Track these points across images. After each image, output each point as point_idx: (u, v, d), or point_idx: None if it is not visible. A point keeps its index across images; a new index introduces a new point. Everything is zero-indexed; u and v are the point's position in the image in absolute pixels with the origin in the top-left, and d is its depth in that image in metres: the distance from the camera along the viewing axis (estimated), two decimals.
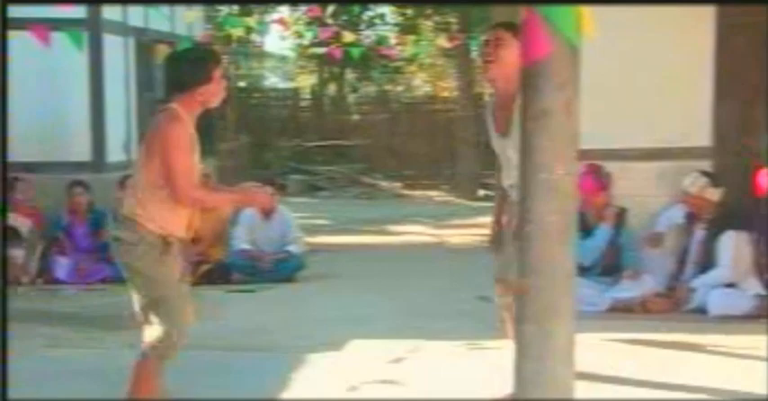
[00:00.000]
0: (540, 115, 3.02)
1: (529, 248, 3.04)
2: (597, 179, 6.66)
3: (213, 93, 4.04)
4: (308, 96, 19.60)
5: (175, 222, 4.02)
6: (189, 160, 3.97)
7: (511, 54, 4.24)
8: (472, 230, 12.00)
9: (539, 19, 2.84)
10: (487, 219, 13.72)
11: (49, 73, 8.82)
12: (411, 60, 21.87)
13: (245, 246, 8.26)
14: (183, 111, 4.01)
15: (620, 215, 6.69)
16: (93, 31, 8.81)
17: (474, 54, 16.16)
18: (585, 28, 2.93)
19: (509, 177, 4.45)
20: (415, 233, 11.91)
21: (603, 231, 6.63)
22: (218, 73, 4.04)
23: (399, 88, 22.86)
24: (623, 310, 6.32)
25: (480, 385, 4.79)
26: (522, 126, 3.11)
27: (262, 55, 25.94)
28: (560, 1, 2.85)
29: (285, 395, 4.74)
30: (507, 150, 4.41)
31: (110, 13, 9.24)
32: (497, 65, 4.31)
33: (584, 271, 6.27)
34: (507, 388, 3.44)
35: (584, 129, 3.45)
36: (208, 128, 11.45)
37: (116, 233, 4.03)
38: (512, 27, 4.37)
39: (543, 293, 3.02)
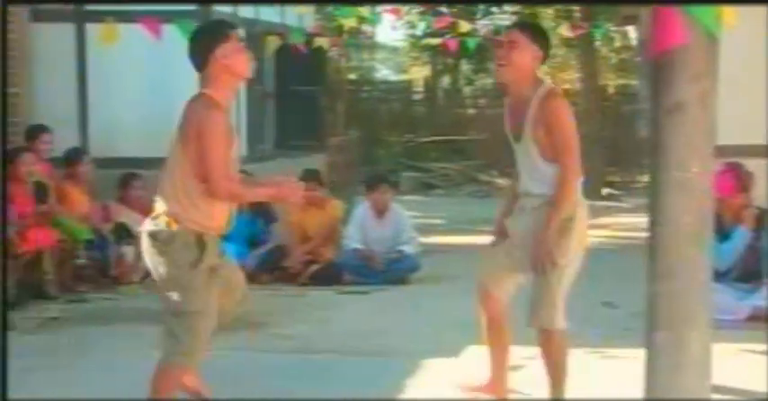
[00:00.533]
0: (674, 109, 2.96)
1: (660, 251, 2.98)
2: (736, 178, 6.48)
3: (233, 53, 3.96)
4: (420, 89, 19.62)
5: (212, 217, 3.99)
6: (226, 151, 3.92)
7: (524, 57, 4.24)
8: (596, 231, 11.83)
9: (674, 7, 2.78)
10: (613, 219, 13.59)
11: (159, 67, 9.06)
12: None
13: (357, 246, 8.33)
14: (218, 96, 3.98)
15: (761, 217, 6.50)
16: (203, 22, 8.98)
17: (598, 44, 15.93)
18: (726, 16, 2.86)
19: (523, 183, 4.37)
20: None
21: (741, 234, 6.45)
22: (232, 34, 4.02)
23: None
24: (764, 319, 6.14)
25: (605, 395, 4.72)
26: (652, 121, 3.05)
27: (373, 46, 26.11)
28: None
29: None
30: (519, 155, 4.37)
31: (220, 4, 9.43)
32: (510, 68, 4.27)
33: (719, 276, 6.11)
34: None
35: (722, 124, 3.37)
36: (316, 122, 11.64)
37: (150, 228, 4.00)
38: (527, 28, 4.35)
39: (676, 299, 2.97)
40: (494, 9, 20.89)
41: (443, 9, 18.39)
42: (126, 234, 8.15)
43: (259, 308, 7.12)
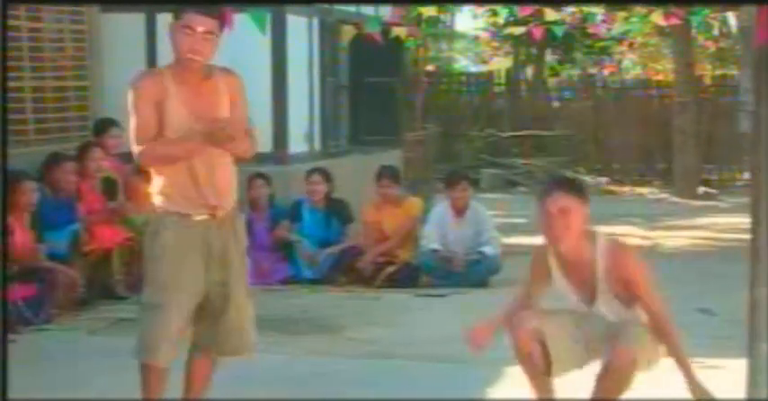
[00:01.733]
0: None
1: (763, 254, 2.94)
2: None
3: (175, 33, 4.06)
4: (502, 81, 19.52)
5: (166, 194, 4.08)
6: (143, 113, 4.03)
7: (579, 220, 4.11)
8: (690, 232, 11.67)
9: None
10: (709, 220, 13.32)
11: (230, 58, 9.14)
12: (620, 39, 21.44)
13: (436, 246, 8.34)
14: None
15: None
16: (276, 12, 9.03)
17: (695, 32, 15.67)
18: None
19: None
20: (625, 234, 11.67)
21: None
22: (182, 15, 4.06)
23: (606, 71, 22.46)
24: None
25: None
26: (754, 114, 3.01)
27: (452, 35, 26.06)
28: None
29: None
30: (595, 316, 4.23)
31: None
32: (569, 235, 4.11)
33: None
34: None
35: None
36: (392, 116, 11.65)
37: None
38: (582, 194, 4.20)
39: None
40: None
41: None
42: None
43: (334, 311, 7.19)
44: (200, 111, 4.05)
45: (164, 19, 8.58)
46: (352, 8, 11.06)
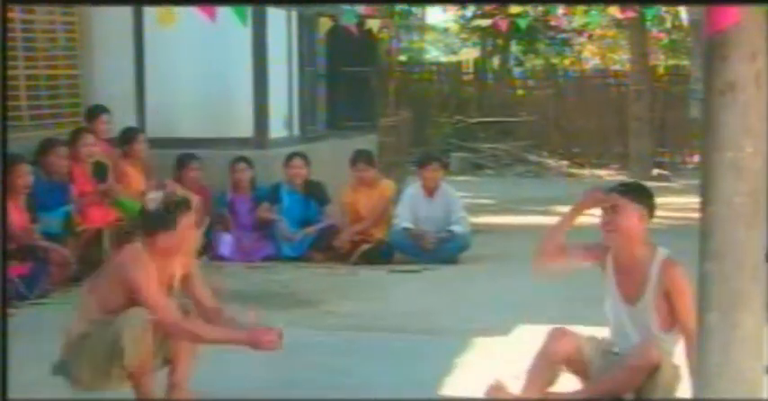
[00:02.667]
0: (727, 89, 2.93)
1: (712, 231, 2.96)
2: None
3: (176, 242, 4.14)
4: (470, 70, 19.52)
5: None
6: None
7: (629, 219, 4.14)
8: None
9: None
10: (663, 200, 13.54)
11: (215, 49, 9.12)
12: (580, 31, 21.46)
13: (408, 225, 8.35)
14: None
15: None
16: (257, 5, 8.99)
17: (649, 24, 15.72)
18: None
19: (626, 342, 4.23)
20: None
21: None
22: (185, 221, 4.15)
23: (567, 61, 22.49)
24: None
25: None
26: (705, 101, 3.03)
27: (423, 28, 26.01)
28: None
29: (448, 379, 4.79)
30: (631, 317, 4.21)
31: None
32: (617, 234, 4.17)
33: None
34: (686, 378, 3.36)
35: None
36: (367, 103, 11.63)
37: None
38: (628, 190, 4.21)
39: (728, 280, 2.94)
40: None
41: None
42: None
43: (313, 286, 7.20)
44: None
45: (151, 10, 8.54)
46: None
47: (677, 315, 4.10)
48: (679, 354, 4.14)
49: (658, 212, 4.38)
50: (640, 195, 4.21)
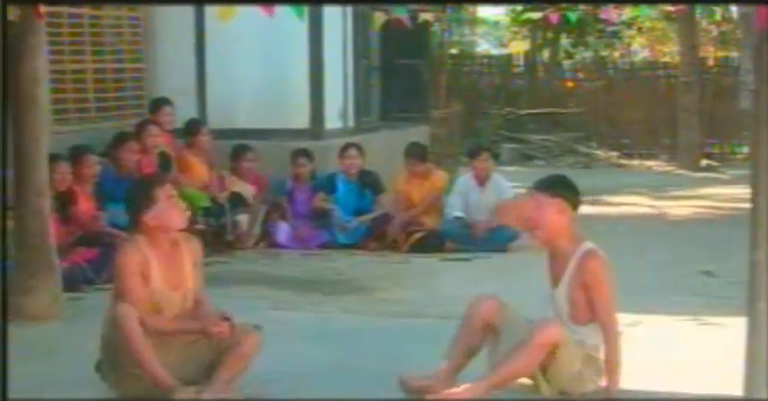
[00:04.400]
0: None
1: (762, 221, 2.93)
2: None
3: (162, 214, 4.09)
4: (521, 63, 19.40)
5: None
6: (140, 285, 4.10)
7: (551, 215, 4.10)
8: (694, 202, 11.59)
9: None
10: (712, 190, 13.23)
11: (271, 41, 9.17)
12: (630, 24, 21.21)
13: (459, 214, 8.34)
14: (149, 243, 4.12)
15: None
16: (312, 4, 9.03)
17: (699, 16, 15.47)
18: None
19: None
20: (633, 204, 11.64)
21: None
22: (157, 194, 4.10)
23: (616, 53, 22.24)
24: None
25: (705, 362, 4.66)
26: (755, 92, 2.99)
27: (474, 21, 25.87)
28: None
29: None
30: (554, 301, 4.21)
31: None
32: (540, 229, 4.15)
33: None
34: (737, 367, 3.34)
35: None
36: (420, 95, 11.61)
37: None
38: (543, 185, 4.16)
39: None
40: None
41: None
42: (240, 202, 8.32)
43: (366, 274, 7.23)
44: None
45: (211, 7, 8.61)
46: None
47: (594, 306, 4.07)
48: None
49: (707, 202, 4.33)
50: (558, 189, 4.16)
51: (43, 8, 5.35)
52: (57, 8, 7.81)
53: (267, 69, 9.25)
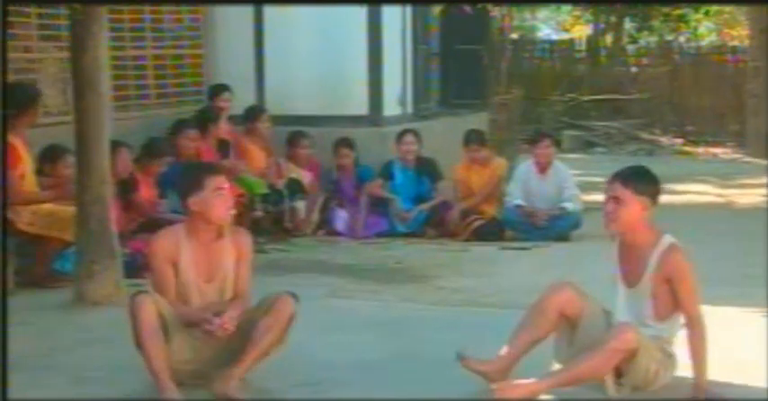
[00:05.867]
0: None
1: None
2: None
3: (207, 202, 4.11)
4: (582, 48, 19.21)
5: None
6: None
7: (631, 211, 4.01)
8: (762, 190, 11.41)
9: None
10: None
11: (329, 27, 9.21)
12: (696, 7, 20.88)
13: (520, 202, 8.31)
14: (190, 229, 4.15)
15: None
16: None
17: None
18: None
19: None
20: (699, 192, 11.49)
21: None
22: (207, 182, 4.11)
23: (682, 38, 21.91)
24: None
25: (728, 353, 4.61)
26: None
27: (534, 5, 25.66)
28: None
29: None
30: (627, 300, 4.12)
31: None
32: (619, 224, 4.06)
33: None
34: None
35: None
36: (480, 81, 11.57)
37: None
38: (630, 180, 4.05)
39: None
40: None
41: None
42: (298, 189, 8.39)
43: (425, 262, 7.25)
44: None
45: None
46: None
47: (679, 301, 4.02)
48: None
49: None
50: (643, 185, 4.07)
51: None
52: None
53: (325, 55, 9.29)
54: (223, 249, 4.18)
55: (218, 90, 8.56)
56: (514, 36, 20.75)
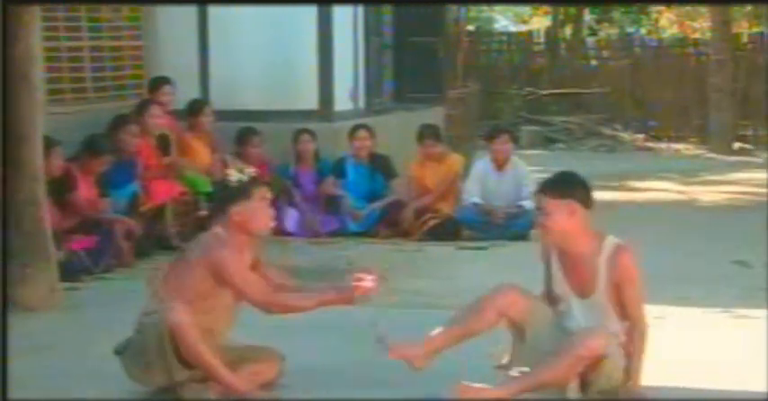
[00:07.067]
0: None
1: None
2: None
3: (250, 213, 4.15)
4: (541, 40, 19.33)
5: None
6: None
7: (557, 220, 4.01)
8: (726, 187, 11.56)
9: None
10: (745, 175, 13.21)
11: (278, 17, 9.15)
12: None
13: (477, 200, 8.33)
14: (231, 242, 4.16)
15: None
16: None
17: None
18: None
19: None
20: (662, 189, 11.61)
21: None
22: (253, 193, 4.16)
23: (643, 30, 22.14)
24: None
25: (736, 357, 4.65)
26: None
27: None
28: None
29: None
30: (579, 311, 4.09)
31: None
32: (552, 234, 4.07)
33: None
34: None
35: None
36: (435, 74, 11.59)
37: None
38: (550, 189, 4.08)
39: None
40: None
41: None
42: None
43: (379, 263, 7.22)
44: None
45: None
46: None
47: (625, 302, 4.02)
48: None
49: (740, 188, 4.30)
50: (565, 189, 4.07)
51: None
52: None
53: (273, 47, 9.23)
54: (252, 247, 4.25)
55: (159, 83, 8.46)
56: (471, 28, 20.82)
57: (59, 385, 4.23)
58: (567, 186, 4.08)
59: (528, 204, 8.30)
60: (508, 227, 8.23)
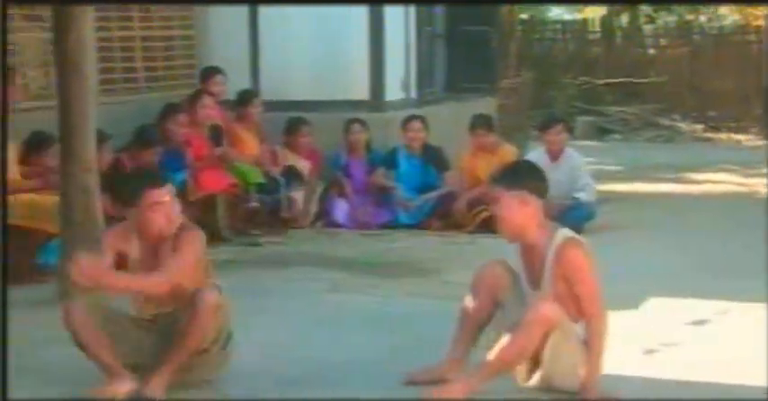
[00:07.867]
0: None
1: None
2: None
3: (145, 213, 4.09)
4: (597, 29, 19.16)
5: None
6: None
7: (508, 208, 4.02)
8: None
9: None
10: None
11: (329, 9, 9.17)
12: None
13: None
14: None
15: None
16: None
17: None
18: None
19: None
20: (720, 181, 11.46)
21: None
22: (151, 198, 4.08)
23: (703, 17, 21.85)
24: None
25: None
26: None
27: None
28: None
29: None
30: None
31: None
32: (504, 225, 4.07)
33: None
34: None
35: None
36: (487, 64, 11.55)
37: None
38: (500, 178, 4.07)
39: None
40: None
41: None
42: (296, 177, 8.37)
43: (430, 255, 7.24)
44: None
45: None
46: None
47: (579, 298, 3.97)
48: None
49: None
50: (516, 179, 4.07)
51: None
52: None
53: (324, 37, 9.26)
54: (167, 244, 4.13)
55: (210, 73, 8.53)
56: (524, 16, 20.71)
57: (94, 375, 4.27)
58: (518, 176, 4.12)
59: (583, 196, 8.26)
60: (563, 219, 8.11)
